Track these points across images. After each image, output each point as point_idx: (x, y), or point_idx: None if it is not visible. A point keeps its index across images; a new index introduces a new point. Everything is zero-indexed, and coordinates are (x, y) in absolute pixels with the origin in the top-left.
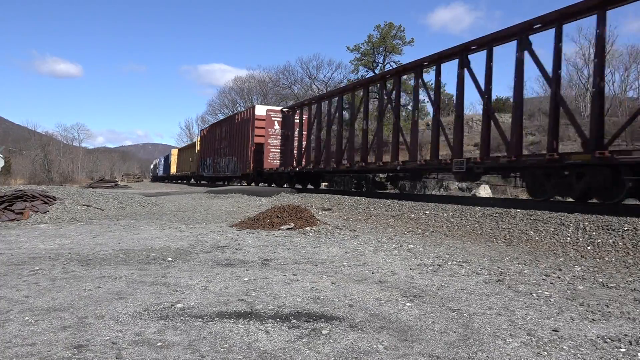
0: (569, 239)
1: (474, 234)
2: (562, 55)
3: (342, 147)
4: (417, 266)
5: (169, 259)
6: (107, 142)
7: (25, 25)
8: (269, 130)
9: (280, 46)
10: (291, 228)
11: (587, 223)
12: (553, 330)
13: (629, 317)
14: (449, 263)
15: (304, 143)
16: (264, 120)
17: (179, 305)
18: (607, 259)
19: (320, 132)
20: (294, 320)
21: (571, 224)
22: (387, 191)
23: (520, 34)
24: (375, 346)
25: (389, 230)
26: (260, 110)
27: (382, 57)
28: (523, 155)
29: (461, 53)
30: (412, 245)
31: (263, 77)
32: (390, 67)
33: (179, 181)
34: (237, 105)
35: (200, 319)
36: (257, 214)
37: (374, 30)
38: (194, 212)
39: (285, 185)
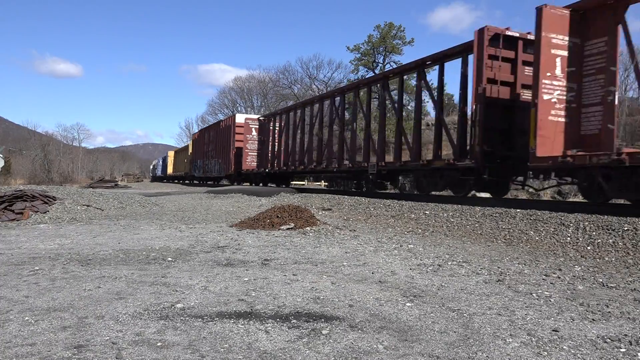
0: (569, 239)
1: (474, 234)
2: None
3: (304, 151)
4: (417, 266)
5: (169, 259)
6: (107, 142)
7: (24, 24)
8: (247, 136)
9: (280, 46)
10: (291, 228)
11: (587, 223)
12: (553, 330)
13: (629, 317)
14: (449, 263)
15: (276, 147)
16: (242, 127)
17: (179, 305)
18: (607, 259)
19: (288, 138)
20: (294, 320)
21: (571, 224)
22: (387, 191)
23: (417, 68)
24: (375, 346)
25: (389, 230)
26: (240, 118)
27: (382, 57)
28: (408, 160)
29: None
30: (412, 245)
31: (263, 77)
32: (391, 67)
33: (175, 181)
34: (237, 105)
35: (200, 319)
36: (257, 214)
37: (374, 30)
38: (194, 212)
39: (260, 184)
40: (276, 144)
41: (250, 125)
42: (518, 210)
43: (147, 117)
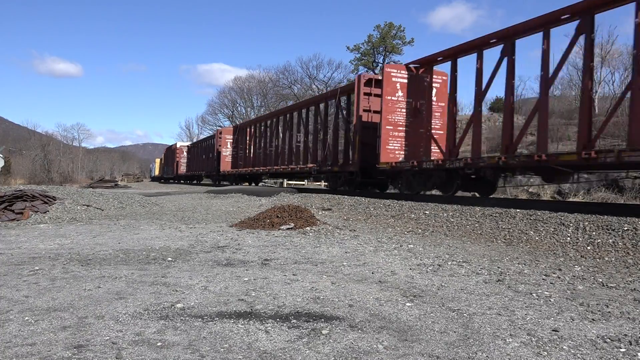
0: (568, 239)
1: (474, 234)
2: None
3: (266, 155)
4: (417, 266)
5: (169, 259)
6: (107, 142)
7: (23, 24)
8: (226, 141)
9: (280, 46)
10: (291, 228)
11: (587, 223)
12: (553, 330)
13: (628, 317)
14: (449, 263)
15: (246, 152)
16: (220, 137)
17: (179, 305)
18: (607, 259)
19: (255, 145)
20: (294, 320)
21: (571, 224)
22: (387, 191)
23: (329, 99)
24: (375, 346)
25: (389, 230)
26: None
27: (382, 57)
28: (324, 164)
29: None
30: (412, 245)
31: (263, 77)
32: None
33: (162, 181)
34: (237, 105)
35: (200, 319)
36: (257, 214)
37: (374, 30)
38: (193, 212)
39: (233, 184)
40: (246, 149)
41: (225, 134)
42: (518, 210)
43: (147, 117)
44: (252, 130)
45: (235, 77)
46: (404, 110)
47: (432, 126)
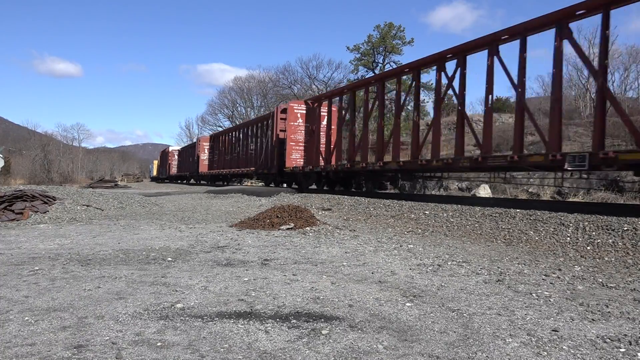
0: (568, 239)
1: (474, 234)
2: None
3: (232, 159)
4: (417, 266)
5: (169, 259)
6: (106, 142)
7: (23, 24)
8: (204, 147)
9: (280, 46)
10: (291, 228)
11: (586, 223)
12: (553, 330)
13: (628, 317)
14: (449, 263)
15: (218, 157)
16: (199, 144)
17: (178, 305)
18: (606, 259)
19: (224, 151)
20: (294, 320)
21: (571, 224)
22: (387, 191)
23: (262, 120)
24: (375, 346)
25: (389, 230)
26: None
27: (382, 57)
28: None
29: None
30: (411, 245)
31: (263, 77)
32: (390, 67)
33: (158, 181)
34: (237, 105)
35: (200, 319)
36: (257, 214)
37: (373, 30)
38: (193, 212)
39: (207, 183)
40: (220, 154)
41: (204, 142)
42: (518, 210)
43: (146, 117)
44: (224, 138)
45: (235, 77)
46: (303, 132)
47: (320, 143)
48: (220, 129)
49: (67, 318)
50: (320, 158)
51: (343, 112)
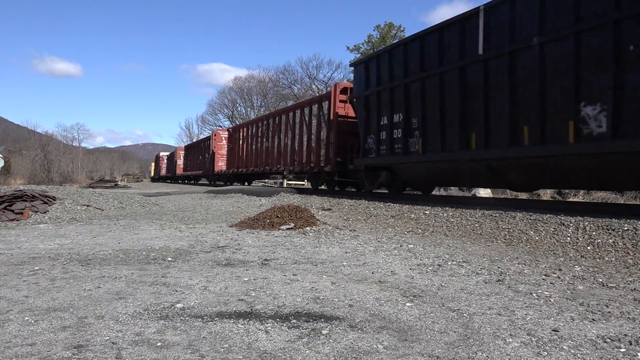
0: (568, 239)
1: (474, 234)
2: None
3: (192, 164)
4: (417, 266)
5: (169, 259)
6: (106, 142)
7: (22, 23)
8: (180, 154)
9: (280, 46)
10: (291, 228)
11: (587, 223)
12: (553, 330)
13: (629, 317)
14: (449, 263)
15: (184, 162)
16: (176, 152)
17: (178, 305)
18: (607, 259)
19: (190, 159)
20: (294, 320)
21: (571, 224)
22: (382, 192)
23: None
24: (375, 346)
25: (389, 230)
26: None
27: None
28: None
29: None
30: (412, 245)
31: (263, 77)
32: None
33: (153, 180)
34: (237, 105)
35: (200, 319)
36: (257, 214)
37: (373, 30)
38: (193, 212)
39: (185, 181)
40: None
41: (181, 151)
42: (518, 210)
43: (146, 117)
44: (188, 150)
45: (235, 77)
46: (226, 148)
47: (236, 156)
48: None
49: (67, 318)
50: (234, 164)
51: (249, 135)
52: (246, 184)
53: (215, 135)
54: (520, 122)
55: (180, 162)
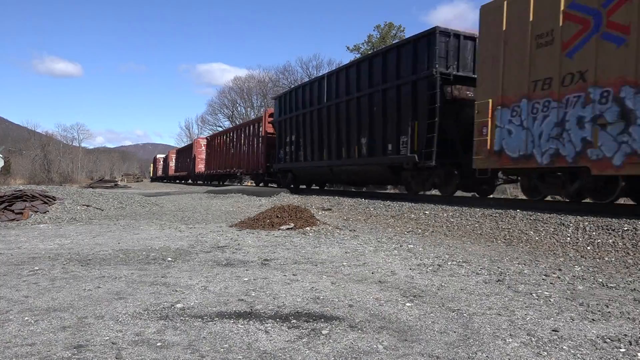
0: (568, 239)
1: (474, 234)
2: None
3: (181, 166)
4: (417, 266)
5: (169, 259)
6: (106, 142)
7: (22, 23)
8: (172, 157)
9: (280, 46)
10: (291, 228)
11: (586, 223)
12: (553, 330)
13: (628, 317)
14: (449, 263)
15: (175, 165)
16: (169, 155)
17: (178, 305)
18: (607, 259)
19: (179, 162)
20: (294, 320)
21: (571, 224)
22: (387, 191)
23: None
24: (375, 346)
25: (389, 230)
26: (164, 154)
27: None
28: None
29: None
30: (412, 245)
31: (263, 77)
32: None
33: (151, 180)
34: (237, 105)
35: (200, 319)
36: (257, 214)
37: (373, 30)
38: (193, 212)
39: (170, 181)
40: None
41: (172, 154)
42: (518, 210)
43: (146, 117)
44: (177, 154)
45: (235, 77)
46: (204, 153)
47: (212, 160)
48: (220, 129)
49: (67, 318)
50: (210, 167)
51: (219, 144)
52: (220, 182)
53: (196, 142)
54: (341, 145)
55: (172, 164)
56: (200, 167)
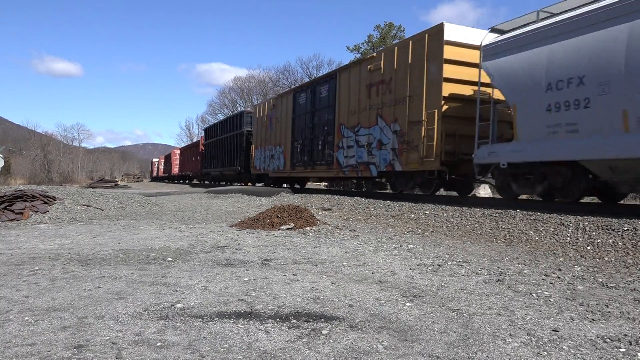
0: (568, 239)
1: (474, 234)
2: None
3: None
4: (417, 266)
5: (169, 259)
6: (106, 142)
7: (22, 23)
8: (161, 161)
9: (280, 46)
10: (291, 228)
11: (586, 223)
12: (553, 330)
13: (628, 317)
14: (449, 263)
15: (170, 166)
16: (159, 159)
17: (178, 305)
18: (606, 259)
19: (171, 163)
20: (294, 320)
21: (571, 224)
22: (387, 191)
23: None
24: (375, 346)
25: (389, 230)
26: (158, 156)
27: None
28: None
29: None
30: (412, 245)
31: (263, 77)
32: None
33: (150, 180)
34: (237, 105)
35: (200, 319)
36: (257, 214)
37: (374, 30)
38: (193, 212)
39: (160, 181)
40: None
41: (177, 151)
42: (518, 210)
43: (146, 117)
44: (170, 156)
45: (235, 77)
46: (179, 159)
47: (182, 165)
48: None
49: (67, 318)
50: (182, 170)
51: (185, 152)
52: (187, 181)
53: (172, 152)
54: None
55: (161, 167)
56: (175, 170)
